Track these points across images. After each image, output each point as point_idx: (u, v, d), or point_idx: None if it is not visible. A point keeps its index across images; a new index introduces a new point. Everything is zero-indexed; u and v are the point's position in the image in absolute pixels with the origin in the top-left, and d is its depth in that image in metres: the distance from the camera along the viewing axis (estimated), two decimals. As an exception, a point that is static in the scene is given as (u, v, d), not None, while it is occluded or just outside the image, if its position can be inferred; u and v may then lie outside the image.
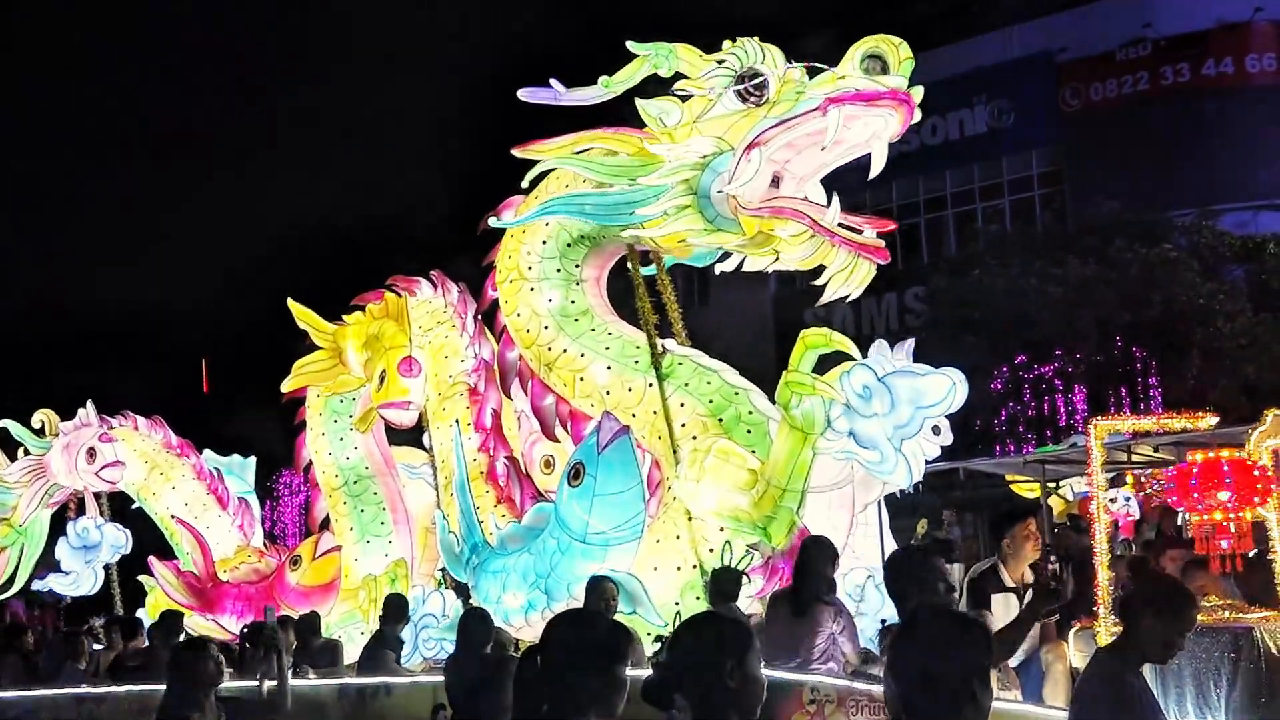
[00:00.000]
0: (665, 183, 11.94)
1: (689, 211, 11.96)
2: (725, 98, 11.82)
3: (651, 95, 12.16)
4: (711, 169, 11.78)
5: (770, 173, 11.90)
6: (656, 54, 12.11)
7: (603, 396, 12.62)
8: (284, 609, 15.49)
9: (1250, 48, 40.24)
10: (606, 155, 12.46)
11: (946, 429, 13.30)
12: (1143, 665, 5.35)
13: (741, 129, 11.66)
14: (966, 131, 43.39)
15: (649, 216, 12.15)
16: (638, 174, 12.15)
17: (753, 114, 11.67)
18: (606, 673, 4.02)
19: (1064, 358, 31.15)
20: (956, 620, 3.96)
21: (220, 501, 18.86)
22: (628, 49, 12.19)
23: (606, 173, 12.39)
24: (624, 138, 12.39)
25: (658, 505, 12.16)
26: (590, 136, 12.55)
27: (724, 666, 3.86)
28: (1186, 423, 10.32)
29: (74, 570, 19.35)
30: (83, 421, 19.19)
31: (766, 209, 11.73)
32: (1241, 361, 30.63)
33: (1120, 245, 33.08)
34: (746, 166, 11.61)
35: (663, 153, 11.99)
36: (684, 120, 11.94)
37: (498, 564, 13.08)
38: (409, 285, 15.02)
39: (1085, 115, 41.66)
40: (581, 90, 12.31)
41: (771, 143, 11.61)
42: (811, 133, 11.57)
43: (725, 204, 11.83)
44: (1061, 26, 42.16)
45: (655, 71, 12.13)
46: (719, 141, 11.76)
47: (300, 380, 16.25)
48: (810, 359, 11.85)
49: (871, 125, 11.62)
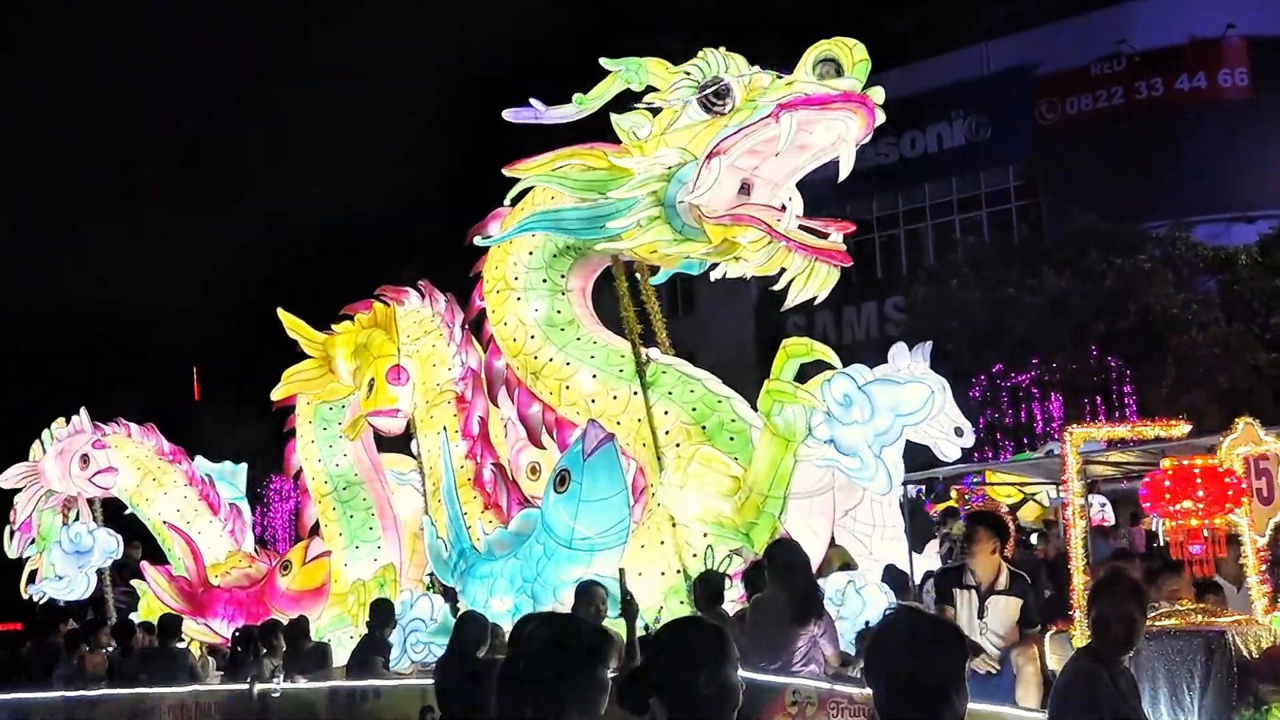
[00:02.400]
0: (635, 195, 11.96)
1: (658, 222, 11.98)
2: (690, 108, 11.83)
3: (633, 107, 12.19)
4: (677, 179, 11.79)
5: (738, 180, 11.87)
6: (627, 69, 12.14)
7: (588, 404, 12.62)
8: (274, 613, 15.49)
9: (1223, 63, 40.38)
10: (583, 170, 12.47)
11: (969, 430, 13.38)
12: (1117, 661, 5.37)
13: (705, 138, 11.67)
14: (945, 145, 43.47)
15: (621, 229, 12.19)
16: (608, 188, 12.18)
17: (715, 123, 11.67)
18: (588, 674, 4.01)
19: (1040, 366, 31.20)
20: (932, 624, 3.97)
21: (212, 507, 18.85)
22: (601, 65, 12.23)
23: (580, 187, 12.43)
24: (597, 153, 12.41)
25: (642, 511, 12.17)
26: (569, 153, 12.56)
27: (699, 673, 3.85)
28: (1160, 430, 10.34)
29: (68, 575, 19.29)
30: (76, 428, 19.17)
31: (728, 216, 11.73)
32: (1214, 370, 30.70)
33: (1095, 256, 33.18)
34: (707, 175, 11.62)
35: (631, 165, 12.02)
36: (654, 132, 11.96)
37: (485, 569, 13.07)
38: (397, 295, 15.02)
39: (1061, 129, 41.77)
40: (559, 108, 12.33)
41: (731, 151, 11.59)
42: (767, 139, 11.52)
43: (690, 213, 11.84)
44: (1038, 42, 42.26)
45: (629, 87, 12.14)
46: (683, 152, 11.77)
47: (290, 388, 16.23)
48: (792, 368, 11.88)
49: (834, 129, 11.55)
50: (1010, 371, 31.19)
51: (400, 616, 13.03)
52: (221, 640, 16.57)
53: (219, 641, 16.68)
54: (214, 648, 16.66)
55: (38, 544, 19.58)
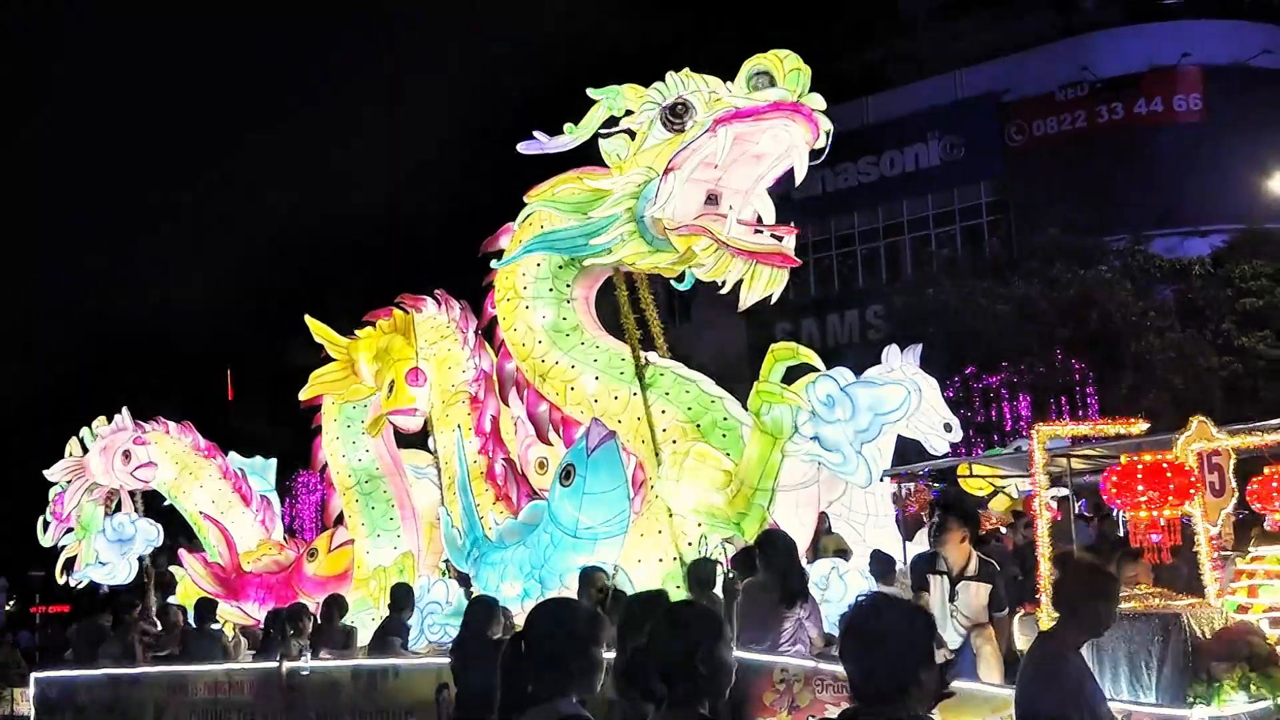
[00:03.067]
0: (614, 213, 11.99)
1: (635, 237, 12.00)
2: (655, 128, 11.83)
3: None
4: (644, 196, 11.79)
5: (703, 191, 11.81)
6: (607, 96, 12.16)
7: (591, 404, 12.62)
8: (301, 597, 15.48)
9: (1178, 89, 40.43)
10: (572, 193, 12.53)
11: (957, 426, 13.39)
12: (1080, 645, 5.36)
13: (665, 155, 11.65)
14: (921, 164, 43.51)
15: (601, 245, 12.24)
16: (590, 208, 12.24)
17: (675, 140, 11.64)
18: (585, 655, 4.02)
19: (1009, 369, 31.21)
20: (902, 608, 3.97)
21: (244, 499, 18.84)
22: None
23: (568, 209, 12.51)
24: (575, 177, 12.47)
25: (641, 503, 12.17)
26: (565, 178, 12.66)
27: (694, 653, 3.85)
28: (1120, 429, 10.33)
29: (111, 562, 19.30)
30: (119, 426, 19.19)
31: (685, 227, 11.71)
32: (1170, 373, 30.71)
33: (1060, 267, 33.24)
34: (664, 190, 11.59)
35: (609, 185, 12.04)
36: (631, 153, 11.98)
37: (496, 556, 13.07)
38: (416, 303, 15.02)
39: (1028, 150, 41.82)
40: (559, 139, 12.36)
41: (685, 165, 11.51)
42: (712, 152, 11.43)
43: (655, 226, 11.84)
44: (1007, 70, 42.34)
45: (611, 113, 12.14)
46: (649, 170, 11.77)
47: (317, 389, 16.22)
48: (779, 370, 11.87)
49: (783, 137, 11.41)
50: (982, 374, 31.20)
51: (418, 600, 13.02)
52: (253, 622, 16.56)
53: (251, 623, 16.67)
54: (246, 628, 16.64)
55: (77, 533, 19.60)
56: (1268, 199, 37.64)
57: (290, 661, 12.11)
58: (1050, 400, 29.96)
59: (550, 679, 3.97)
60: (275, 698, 11.99)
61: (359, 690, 11.33)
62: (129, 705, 13.57)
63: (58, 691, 14.69)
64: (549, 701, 3.93)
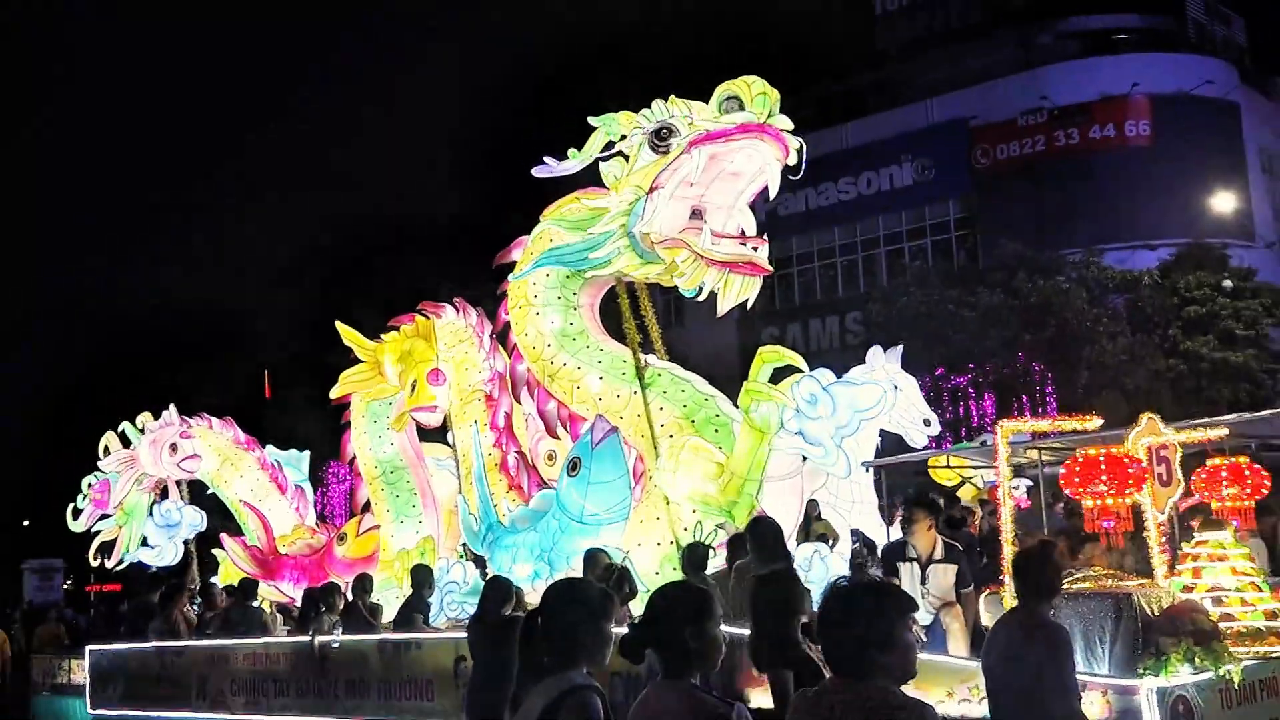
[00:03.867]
0: (609, 229, 12.01)
1: (628, 251, 12.00)
2: (643, 151, 11.82)
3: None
4: (634, 213, 11.78)
5: (687, 207, 11.80)
6: (604, 123, 12.16)
7: (596, 402, 12.61)
8: (332, 576, 15.48)
9: (1128, 116, 40.43)
10: (575, 212, 12.54)
11: (935, 421, 13.35)
12: (1045, 612, 5.32)
13: (652, 175, 11.65)
14: (896, 184, 43.48)
15: (600, 259, 12.23)
16: (589, 225, 12.27)
17: (660, 161, 11.63)
18: (596, 630, 4.02)
19: (976, 370, 31.19)
20: (874, 590, 3.96)
21: (280, 488, 18.85)
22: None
23: (570, 226, 12.51)
24: (577, 196, 12.47)
25: (641, 492, 12.15)
26: (571, 198, 12.69)
27: (686, 628, 3.87)
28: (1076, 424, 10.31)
29: (159, 545, 19.32)
30: (167, 421, 19.22)
31: (668, 241, 11.72)
32: (1121, 374, 30.69)
33: (1022, 278, 33.21)
34: (649, 207, 11.59)
35: (605, 204, 12.05)
36: (624, 175, 11.97)
37: (509, 540, 13.06)
38: (436, 310, 15.02)
39: (993, 171, 41.81)
40: (566, 163, 12.34)
41: (667, 184, 11.51)
42: (688, 173, 11.41)
43: (643, 240, 11.84)
44: (973, 99, 42.33)
45: (609, 138, 12.13)
46: (637, 189, 11.76)
47: (346, 388, 16.22)
48: (767, 371, 11.88)
49: (756, 156, 11.41)
50: (951, 374, 31.16)
51: (438, 580, 13.01)
52: (289, 600, 16.56)
53: (286, 601, 16.67)
54: (282, 606, 16.64)
55: (118, 518, 19.61)
56: (1210, 216, 37.67)
57: (322, 635, 12.10)
58: (1013, 398, 29.94)
59: (564, 652, 3.98)
60: (309, 668, 11.99)
61: (384, 661, 11.33)
62: (175, 674, 13.58)
63: (110, 662, 14.70)
64: (562, 672, 3.93)
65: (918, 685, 3.79)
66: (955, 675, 7.25)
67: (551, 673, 3.94)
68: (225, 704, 12.87)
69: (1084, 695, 6.81)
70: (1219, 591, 7.77)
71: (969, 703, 7.10)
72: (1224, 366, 32.22)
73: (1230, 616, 7.48)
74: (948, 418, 30.75)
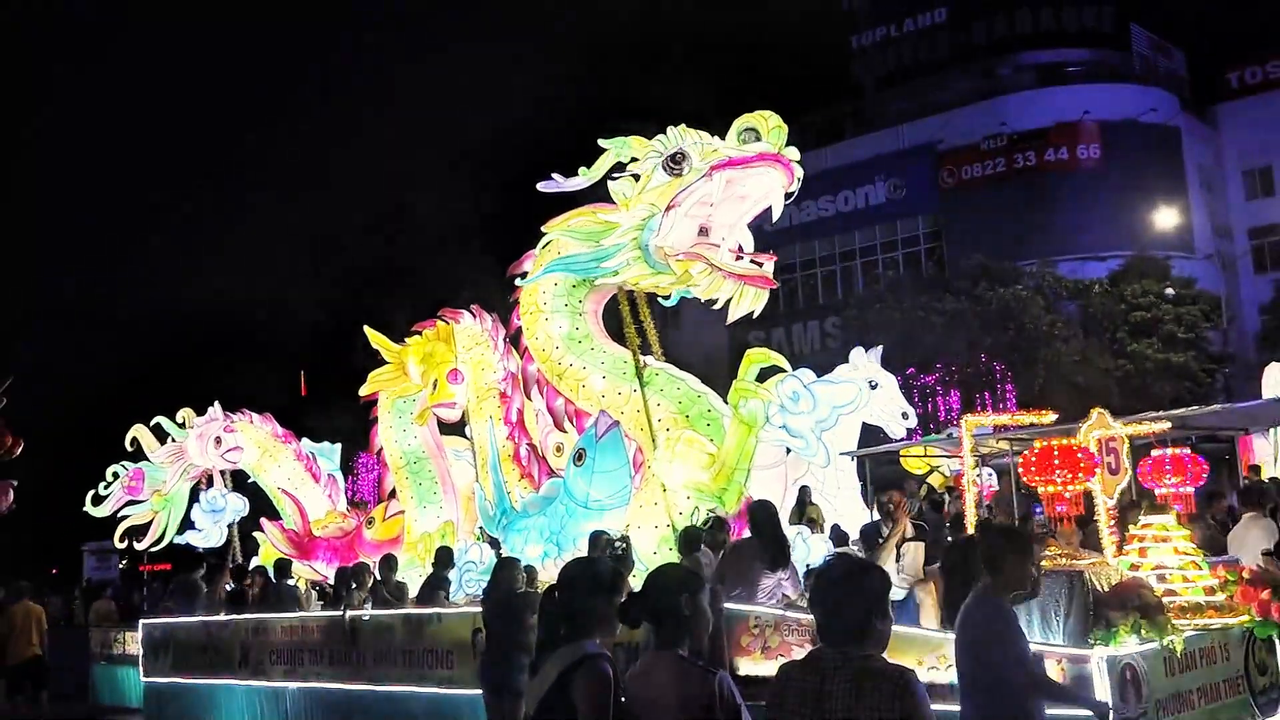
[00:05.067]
0: (621, 242, 11.99)
1: (639, 261, 11.99)
2: (657, 173, 11.82)
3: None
4: (649, 228, 11.79)
5: (697, 225, 11.84)
6: (616, 146, 12.16)
7: (599, 399, 12.60)
8: (361, 557, 15.46)
9: (1080, 140, 40.46)
10: (585, 225, 12.51)
11: (912, 414, 13.35)
12: (1011, 599, 5.25)
13: (666, 195, 11.67)
14: (870, 202, 43.52)
15: (612, 269, 12.23)
16: (601, 237, 12.23)
17: (675, 182, 11.66)
18: (607, 604, 4.05)
19: (943, 370, 31.19)
20: (862, 565, 3.95)
21: (314, 477, 18.85)
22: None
23: (582, 237, 12.47)
24: (590, 211, 12.44)
25: (641, 480, 12.15)
26: (579, 212, 12.67)
27: (680, 600, 3.89)
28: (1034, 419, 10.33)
29: (205, 529, 19.31)
30: (211, 416, 19.23)
31: (684, 254, 11.73)
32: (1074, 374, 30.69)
33: (984, 286, 33.24)
34: (666, 224, 11.62)
35: (617, 219, 12.03)
36: (635, 193, 11.97)
37: (521, 524, 13.05)
38: (455, 315, 15.02)
39: (958, 190, 41.84)
40: (573, 179, 12.32)
41: (684, 204, 11.57)
42: (707, 193, 11.49)
43: (658, 254, 11.84)
44: (939, 125, 42.40)
45: (619, 159, 12.14)
46: (651, 206, 11.78)
47: (374, 386, 16.22)
48: (754, 371, 11.87)
49: (763, 182, 11.49)
50: (920, 373, 31.16)
51: (457, 560, 12.99)
52: (322, 578, 16.55)
53: (320, 579, 16.66)
54: (316, 583, 16.63)
55: (154, 504, 19.60)
56: (1154, 231, 37.71)
57: (352, 610, 12.09)
58: (976, 395, 29.95)
59: (578, 623, 4.01)
60: (340, 640, 11.97)
61: (408, 634, 11.31)
62: (220, 645, 13.56)
63: (161, 634, 14.67)
64: (576, 642, 3.96)
65: (891, 654, 3.78)
66: (925, 645, 7.23)
67: (566, 642, 3.96)
68: (265, 672, 12.86)
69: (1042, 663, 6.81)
70: (1163, 569, 7.76)
71: (936, 670, 7.09)
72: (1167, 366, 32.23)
73: (1173, 592, 7.46)
74: (918, 413, 30.62)
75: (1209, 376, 33.37)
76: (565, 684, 3.83)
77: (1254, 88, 43.55)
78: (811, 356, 31.71)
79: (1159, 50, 45.44)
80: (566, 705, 3.80)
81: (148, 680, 14.82)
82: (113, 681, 16.83)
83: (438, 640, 11.03)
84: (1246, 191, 43.46)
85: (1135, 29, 44.18)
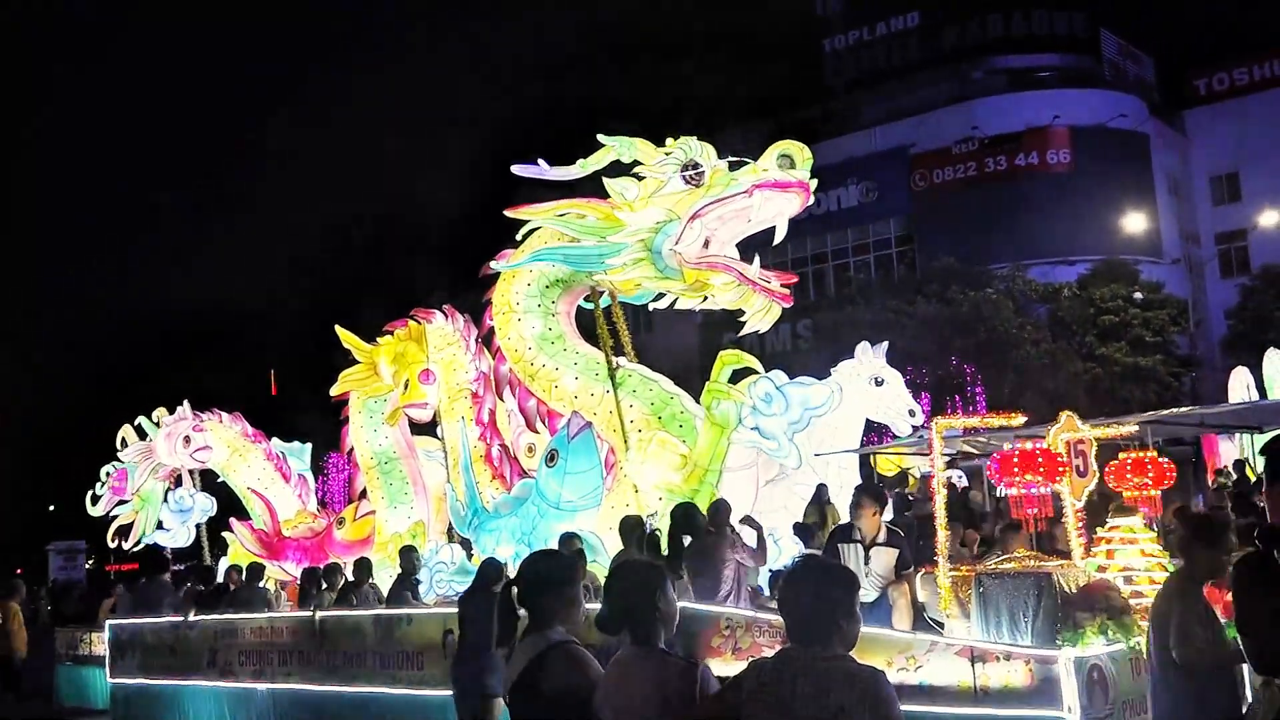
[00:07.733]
0: (628, 241, 11.93)
1: (645, 263, 11.95)
2: (673, 180, 11.82)
3: (615, 173, 12.13)
4: (663, 232, 11.77)
5: (704, 237, 11.91)
6: (620, 145, 12.10)
7: (572, 399, 12.59)
8: (331, 557, 15.38)
9: (1050, 145, 40.78)
10: (579, 218, 12.43)
11: (919, 411, 13.39)
12: (1202, 585, 5.56)
13: (685, 204, 11.70)
14: (843, 205, 43.68)
15: (615, 265, 12.15)
16: (606, 233, 12.12)
17: (693, 193, 11.71)
18: (563, 593, 4.09)
19: (914, 372, 31.33)
20: (830, 567, 3.96)
21: (284, 477, 18.73)
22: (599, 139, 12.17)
23: (582, 230, 12.38)
24: (595, 206, 12.36)
25: (613, 480, 12.14)
26: (568, 204, 12.52)
27: (654, 595, 3.93)
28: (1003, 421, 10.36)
29: (173, 529, 19.17)
30: (181, 416, 19.06)
31: (705, 263, 11.76)
32: (1043, 376, 30.94)
33: (955, 289, 33.44)
34: (689, 232, 11.66)
35: (626, 218, 11.98)
36: (641, 195, 11.94)
37: (493, 524, 13.01)
38: (427, 315, 14.95)
39: (930, 194, 42.07)
40: (562, 168, 12.25)
41: (708, 215, 11.67)
42: (738, 209, 11.64)
43: (672, 259, 11.83)
44: (911, 128, 42.63)
45: (619, 158, 12.11)
46: (668, 212, 11.77)
47: (345, 386, 16.14)
48: (726, 372, 11.89)
49: (777, 205, 11.66)
50: (891, 376, 31.25)
51: (427, 561, 12.95)
52: (291, 579, 16.44)
53: (289, 579, 16.56)
54: (285, 584, 16.53)
55: (135, 504, 19.49)
56: (1123, 235, 38.02)
57: (322, 611, 12.02)
58: (947, 398, 30.11)
59: (539, 613, 4.06)
60: (310, 641, 11.90)
61: (379, 635, 11.25)
62: (188, 646, 13.45)
63: (128, 635, 14.55)
64: (539, 632, 4.03)
65: (861, 654, 3.79)
66: (894, 646, 7.26)
67: (529, 634, 4.01)
68: (234, 673, 12.76)
69: (1009, 664, 6.86)
70: (1130, 571, 7.83)
71: (906, 670, 7.12)
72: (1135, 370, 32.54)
73: (1140, 594, 7.52)
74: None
75: (1176, 380, 33.69)
76: (536, 669, 3.93)
77: (1221, 94, 44.06)
78: (784, 358, 31.74)
79: (1129, 56, 45.86)
80: (537, 689, 3.90)
81: (114, 681, 14.68)
82: (78, 682, 16.66)
83: (408, 641, 10.96)
84: (1214, 197, 43.97)
85: (1105, 35, 44.60)
